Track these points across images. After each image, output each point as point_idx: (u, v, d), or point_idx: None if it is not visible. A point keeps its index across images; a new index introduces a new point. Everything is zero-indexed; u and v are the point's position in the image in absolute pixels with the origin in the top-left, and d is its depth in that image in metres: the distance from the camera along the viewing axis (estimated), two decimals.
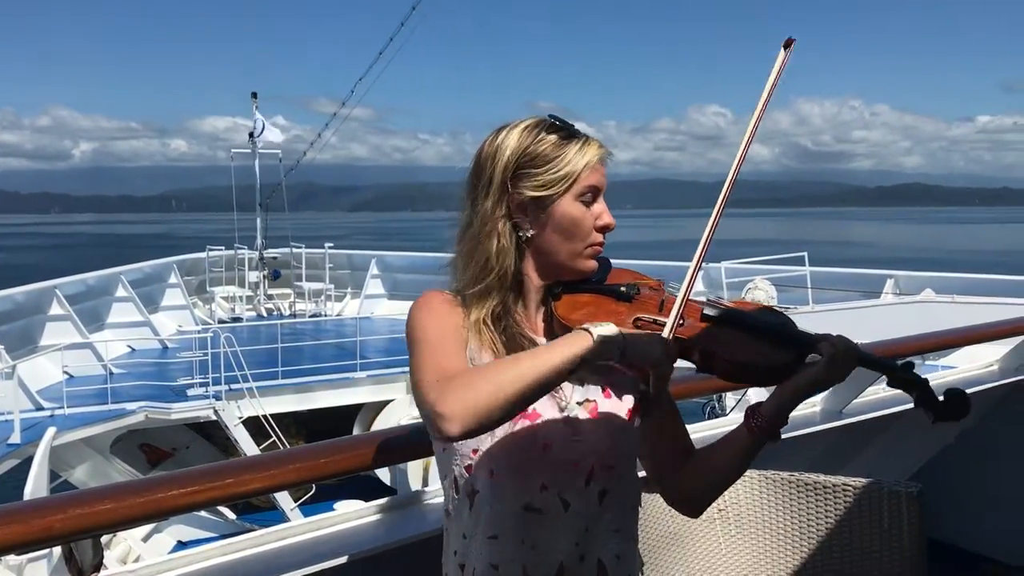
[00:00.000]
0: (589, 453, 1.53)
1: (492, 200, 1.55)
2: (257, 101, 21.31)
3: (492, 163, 1.56)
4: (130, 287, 15.88)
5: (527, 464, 1.51)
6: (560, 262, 1.58)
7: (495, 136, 1.59)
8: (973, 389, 4.03)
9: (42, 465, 9.11)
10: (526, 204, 1.55)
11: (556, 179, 1.54)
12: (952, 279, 13.75)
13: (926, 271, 14.84)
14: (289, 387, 12.67)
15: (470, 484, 1.53)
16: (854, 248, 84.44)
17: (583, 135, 1.59)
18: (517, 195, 1.55)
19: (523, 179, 1.55)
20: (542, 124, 1.58)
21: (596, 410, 1.56)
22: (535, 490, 1.51)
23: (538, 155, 1.55)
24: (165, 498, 1.70)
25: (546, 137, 1.56)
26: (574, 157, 1.55)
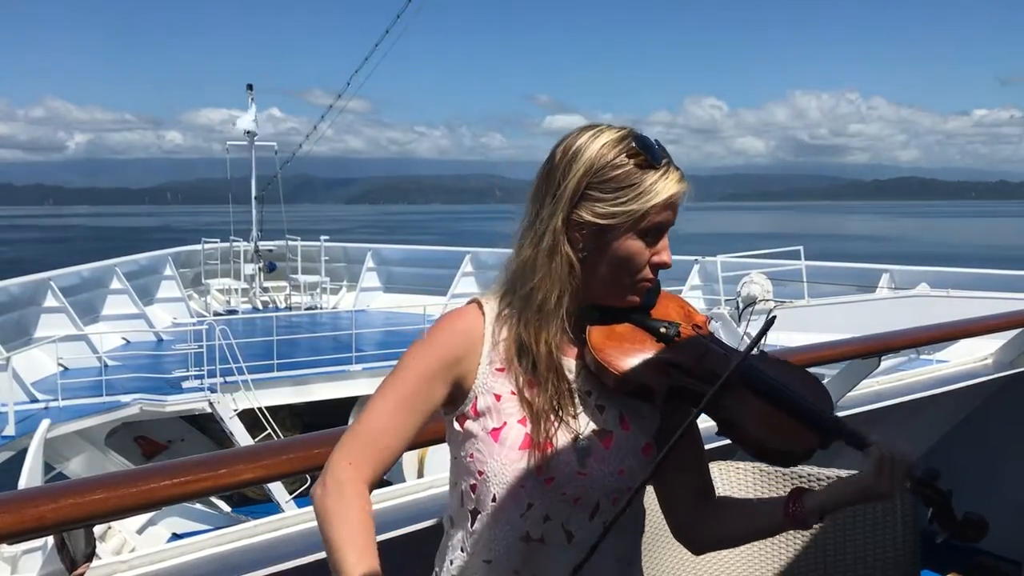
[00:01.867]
0: (594, 489, 1.49)
1: (557, 213, 1.46)
2: (253, 93, 21.25)
3: (565, 172, 1.46)
4: (125, 279, 15.84)
5: (529, 495, 1.47)
6: (604, 292, 1.51)
7: (576, 138, 1.49)
8: (967, 383, 4.04)
9: (36, 457, 9.09)
10: (585, 227, 1.46)
11: (623, 212, 1.44)
12: (947, 273, 13.77)
13: (922, 265, 14.86)
14: (284, 380, 12.66)
15: (473, 502, 1.51)
16: (850, 242, 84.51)
17: (666, 162, 1.46)
18: (579, 216, 1.46)
19: (590, 201, 1.45)
20: (626, 142, 1.46)
21: (611, 443, 1.51)
22: (537, 520, 1.48)
23: (611, 179, 1.45)
24: (158, 488, 1.70)
25: (625, 160, 1.45)
26: (648, 190, 1.44)
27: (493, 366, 1.50)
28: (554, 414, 1.47)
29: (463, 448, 1.51)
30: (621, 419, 1.52)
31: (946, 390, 3.92)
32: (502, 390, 1.49)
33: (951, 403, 4.11)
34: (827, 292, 13.74)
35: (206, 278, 19.81)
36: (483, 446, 1.48)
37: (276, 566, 2.05)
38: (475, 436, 1.48)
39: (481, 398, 1.49)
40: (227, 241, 20.38)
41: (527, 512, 1.48)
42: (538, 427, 1.46)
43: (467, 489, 1.51)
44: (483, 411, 1.48)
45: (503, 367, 1.50)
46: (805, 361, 3.37)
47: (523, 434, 1.46)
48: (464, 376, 1.49)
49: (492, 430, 1.47)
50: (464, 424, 1.50)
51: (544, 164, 1.52)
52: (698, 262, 16.40)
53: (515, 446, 1.46)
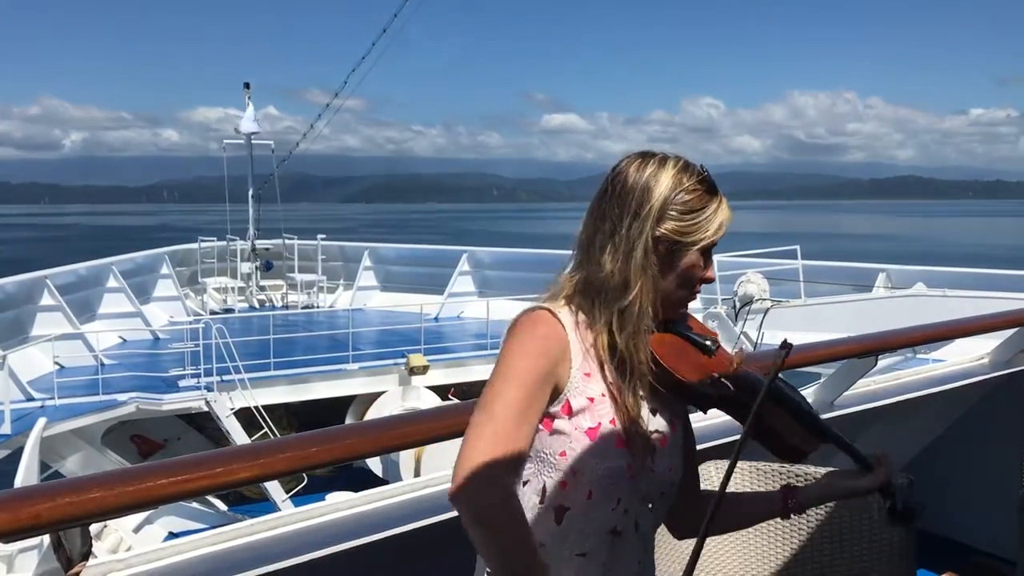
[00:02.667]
0: (656, 484, 1.67)
1: (645, 230, 1.62)
2: (250, 91, 21.21)
3: (644, 193, 1.63)
4: (121, 278, 15.80)
5: (619, 490, 1.61)
6: (666, 305, 1.68)
7: (644, 165, 1.66)
8: (964, 382, 4.05)
9: (32, 456, 9.08)
10: (663, 243, 1.63)
11: (696, 230, 1.64)
12: (944, 273, 13.78)
13: (918, 265, 14.86)
14: (281, 378, 12.64)
15: (560, 500, 1.60)
16: (847, 241, 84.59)
17: (719, 192, 1.69)
18: (663, 233, 1.63)
19: (670, 220, 1.63)
20: (691, 170, 1.66)
21: (666, 443, 1.69)
22: (621, 514, 1.63)
23: (687, 202, 1.64)
24: (154, 487, 1.70)
25: (696, 187, 1.65)
26: (714, 214, 1.66)
27: (581, 371, 1.61)
28: (640, 416, 1.62)
29: (549, 446, 1.60)
30: (671, 421, 1.71)
31: (942, 389, 3.93)
32: (594, 393, 1.61)
33: (947, 402, 4.12)
34: (824, 291, 13.75)
35: (203, 277, 19.77)
36: (577, 445, 1.59)
37: (272, 565, 2.05)
38: (567, 435, 1.59)
39: (574, 400, 1.60)
40: (224, 240, 20.35)
41: (616, 507, 1.61)
42: (628, 428, 1.60)
43: (553, 487, 1.60)
44: (577, 411, 1.60)
45: (589, 372, 1.62)
46: (802, 360, 3.38)
47: (615, 434, 1.60)
48: (560, 378, 1.60)
49: (587, 430, 1.59)
50: (553, 424, 1.60)
51: (611, 184, 1.67)
52: None
53: (611, 445, 1.59)
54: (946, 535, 4.43)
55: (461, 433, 1.57)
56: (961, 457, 4.38)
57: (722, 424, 2.85)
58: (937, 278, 13.17)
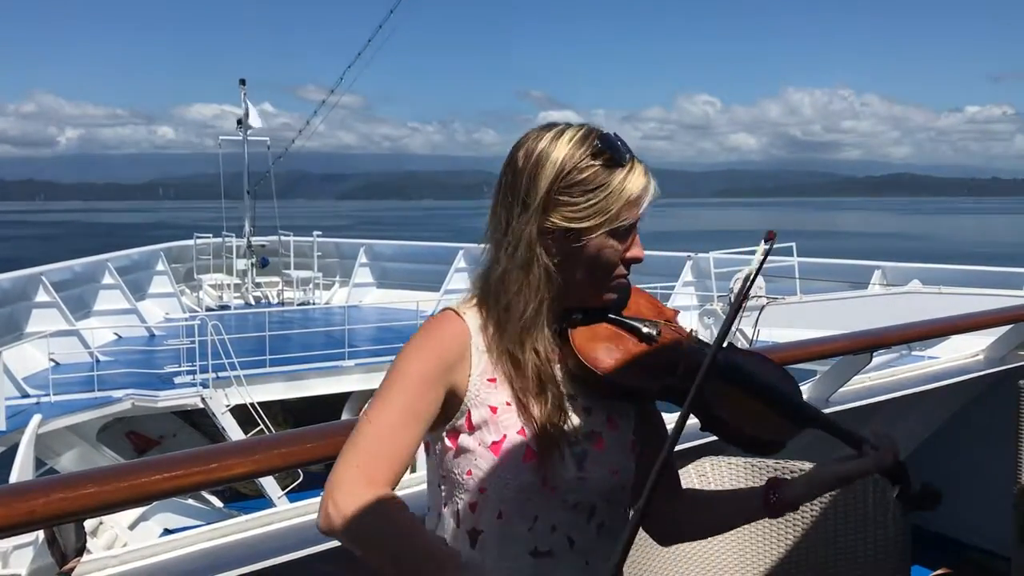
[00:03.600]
0: (593, 493, 1.48)
1: (530, 222, 1.44)
2: (245, 88, 21.19)
3: (532, 178, 1.44)
4: (117, 274, 15.79)
5: (535, 507, 1.44)
6: (582, 294, 1.49)
7: (536, 141, 1.46)
8: (958, 379, 4.06)
9: (28, 452, 9.08)
10: (558, 232, 1.44)
11: (594, 213, 1.43)
12: (939, 270, 13.82)
13: (913, 262, 14.90)
14: (277, 375, 12.64)
15: (472, 522, 1.46)
16: (842, 239, 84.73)
17: (630, 158, 1.45)
18: (551, 223, 1.43)
19: (560, 206, 1.43)
20: (589, 141, 1.44)
21: (603, 444, 1.50)
22: (544, 532, 1.45)
23: (579, 182, 1.43)
24: (148, 482, 1.69)
25: (591, 162, 1.43)
26: (617, 189, 1.43)
27: (484, 377, 1.45)
28: (552, 422, 1.43)
29: (456, 466, 1.46)
30: (608, 419, 1.51)
31: (937, 386, 3.93)
32: (497, 402, 1.45)
33: (942, 399, 4.13)
34: (819, 288, 13.77)
35: (198, 273, 19.76)
36: (483, 462, 1.43)
37: (268, 561, 2.05)
38: (472, 451, 1.44)
39: (475, 411, 1.44)
40: (219, 236, 20.33)
41: (534, 525, 1.45)
42: (539, 437, 1.42)
43: (463, 509, 1.46)
44: (479, 424, 1.44)
45: (494, 378, 1.46)
46: (797, 357, 3.38)
47: (525, 446, 1.42)
48: (457, 385, 1.44)
49: (492, 444, 1.43)
50: (457, 440, 1.45)
51: (506, 170, 1.49)
52: (691, 258, 16.43)
53: (518, 459, 1.42)
54: (941, 532, 4.44)
55: None
56: (956, 454, 4.39)
57: None
58: (932, 275, 13.21)
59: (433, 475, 1.53)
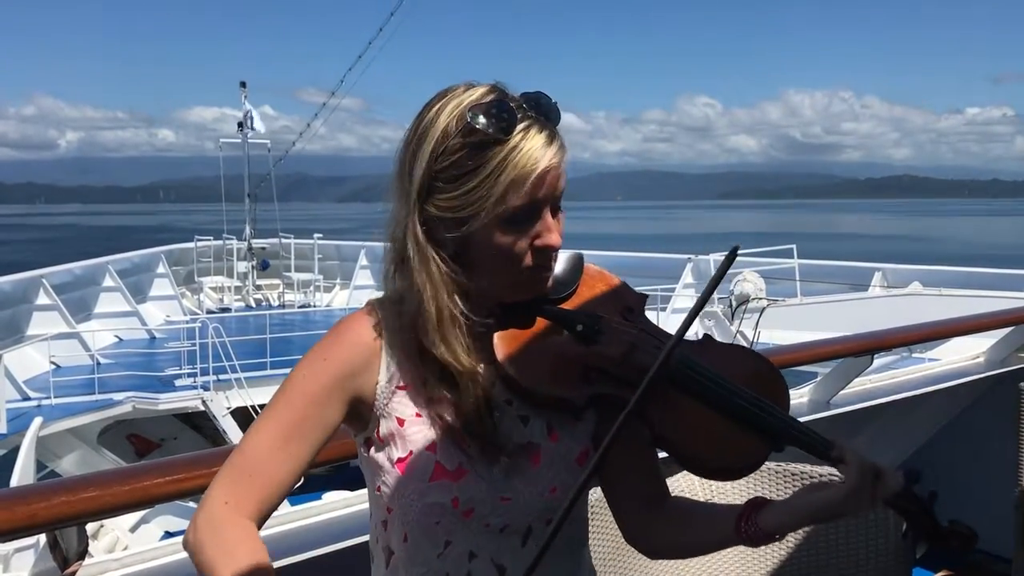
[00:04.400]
0: (524, 514, 1.28)
1: (412, 212, 1.22)
2: (246, 90, 21.22)
3: (413, 157, 1.21)
4: (117, 277, 15.80)
5: (444, 532, 1.27)
6: (497, 289, 1.26)
7: (429, 108, 1.22)
8: (959, 381, 4.06)
9: (28, 455, 9.07)
10: (440, 223, 1.21)
11: (467, 203, 1.18)
12: (939, 272, 13.79)
13: (914, 264, 14.89)
14: (278, 378, 12.58)
15: (385, 541, 1.33)
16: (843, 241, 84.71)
17: (524, 126, 1.18)
18: (426, 212, 1.21)
19: (434, 193, 1.20)
20: (465, 114, 1.18)
21: (539, 458, 1.28)
22: (460, 559, 1.28)
23: (451, 164, 1.18)
24: (150, 486, 1.70)
25: (462, 140, 1.17)
26: (496, 171, 1.16)
27: (394, 383, 1.27)
28: (469, 434, 1.24)
29: (373, 479, 1.31)
30: (548, 429, 1.29)
31: (938, 388, 3.93)
32: (405, 412, 1.26)
33: (943, 401, 4.13)
34: (820, 290, 13.76)
35: (199, 276, 19.77)
36: (389, 478, 1.26)
37: None
38: (381, 467, 1.28)
39: (383, 422, 1.27)
40: (220, 239, 20.35)
41: (445, 551, 1.28)
42: (450, 452, 1.24)
43: (378, 525, 1.34)
44: (386, 438, 1.27)
45: (405, 384, 1.27)
46: (798, 359, 3.38)
47: (432, 462, 1.24)
48: (363, 392, 1.27)
49: (397, 460, 1.26)
50: (370, 452, 1.29)
51: (400, 145, 1.26)
52: (691, 260, 16.42)
53: (424, 478, 1.24)
54: None
55: None
56: (957, 456, 4.38)
57: None
58: (933, 277, 13.19)
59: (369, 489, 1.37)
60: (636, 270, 15.11)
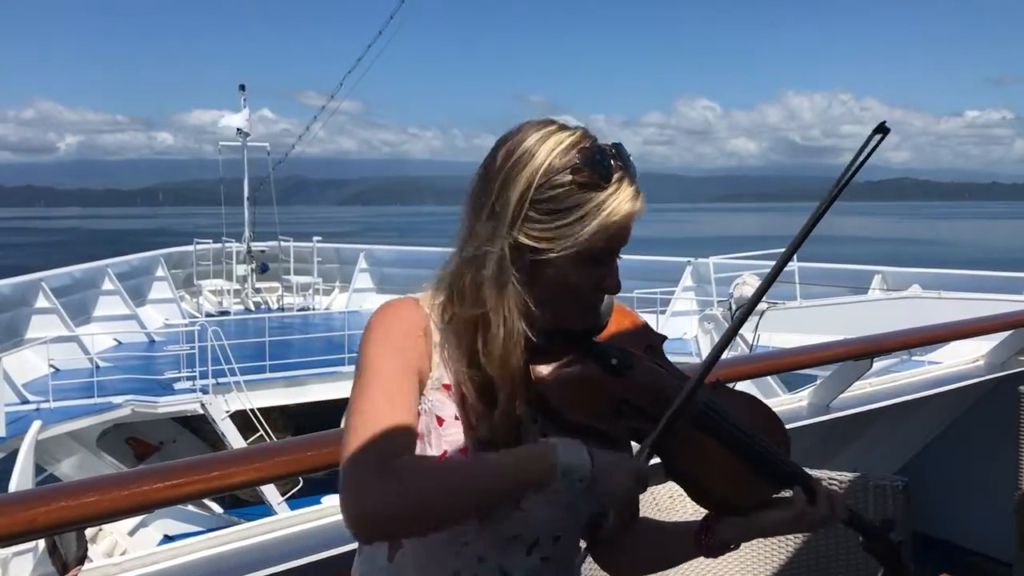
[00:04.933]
0: (534, 527, 1.34)
1: (500, 236, 1.26)
2: (245, 93, 21.23)
3: (505, 184, 1.26)
4: (117, 280, 15.79)
5: (464, 533, 1.31)
6: (545, 318, 1.31)
7: (521, 140, 1.28)
8: (959, 384, 4.05)
9: (27, 459, 9.06)
10: (523, 250, 1.26)
11: (559, 237, 1.25)
12: (939, 275, 13.80)
13: (914, 267, 14.89)
14: (277, 381, 12.64)
15: None
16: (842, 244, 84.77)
17: (618, 178, 1.26)
18: (514, 238, 1.26)
19: (526, 222, 1.26)
20: (572, 153, 1.25)
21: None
22: (471, 560, 1.32)
23: (551, 198, 1.25)
24: (150, 491, 1.69)
25: (568, 177, 1.24)
26: (593, 214, 1.24)
27: (440, 381, 1.31)
28: (496, 445, 1.27)
29: None
30: None
31: (938, 392, 3.93)
32: (445, 413, 1.30)
33: (943, 405, 4.12)
34: (820, 293, 13.76)
35: (198, 279, 19.78)
36: None
37: (268, 568, 2.04)
38: None
39: (424, 417, 1.30)
40: (219, 242, 20.35)
41: (461, 550, 1.32)
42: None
43: None
44: (423, 433, 1.30)
45: (448, 384, 1.31)
46: (798, 363, 3.38)
47: None
48: (422, 376, 1.30)
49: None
50: None
51: (483, 168, 1.31)
52: (691, 263, 16.42)
53: None
54: (942, 537, 4.43)
55: None
56: (957, 459, 4.38)
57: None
58: (933, 280, 13.19)
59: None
60: (636, 273, 15.10)
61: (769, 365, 3.54)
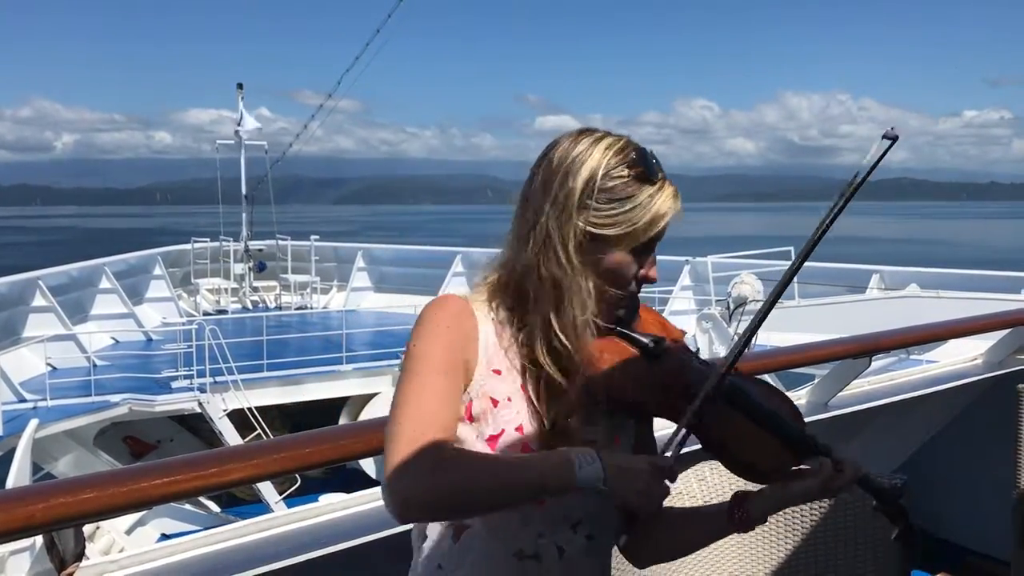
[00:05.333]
0: (580, 506, 1.45)
1: (564, 223, 1.41)
2: (243, 92, 21.20)
3: (566, 178, 1.42)
4: (114, 279, 15.77)
5: (525, 509, 1.42)
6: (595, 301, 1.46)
7: (575, 143, 1.45)
8: (957, 383, 4.06)
9: (25, 457, 9.05)
10: (581, 236, 1.42)
11: (620, 223, 1.42)
12: (937, 274, 13.82)
13: (912, 266, 14.89)
14: (274, 380, 12.63)
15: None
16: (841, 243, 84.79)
17: (662, 176, 1.45)
18: (576, 225, 1.41)
19: (587, 211, 1.42)
20: (626, 152, 1.44)
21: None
22: (532, 536, 1.43)
23: (610, 188, 1.42)
24: (148, 487, 1.69)
25: (626, 172, 1.42)
26: (646, 204, 1.42)
27: (490, 367, 1.43)
28: (555, 426, 1.41)
29: None
30: (612, 434, 1.49)
31: (936, 390, 3.93)
32: (499, 394, 1.41)
33: (941, 403, 4.13)
34: (818, 292, 13.76)
35: (196, 278, 19.75)
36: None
37: (265, 566, 2.04)
38: (466, 442, 1.40)
39: (476, 401, 1.41)
40: (217, 241, 20.33)
41: (522, 528, 1.43)
42: (534, 437, 1.40)
43: None
44: (478, 416, 1.41)
45: (499, 369, 1.43)
46: (796, 361, 3.38)
47: (521, 443, 1.40)
48: (468, 368, 1.42)
49: (489, 437, 1.40)
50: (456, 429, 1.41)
51: (540, 165, 1.46)
52: (689, 262, 16.42)
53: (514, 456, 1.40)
54: (940, 536, 4.43)
55: None
56: (955, 458, 4.38)
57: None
58: (930, 279, 13.20)
59: None
60: None
61: (767, 363, 3.54)
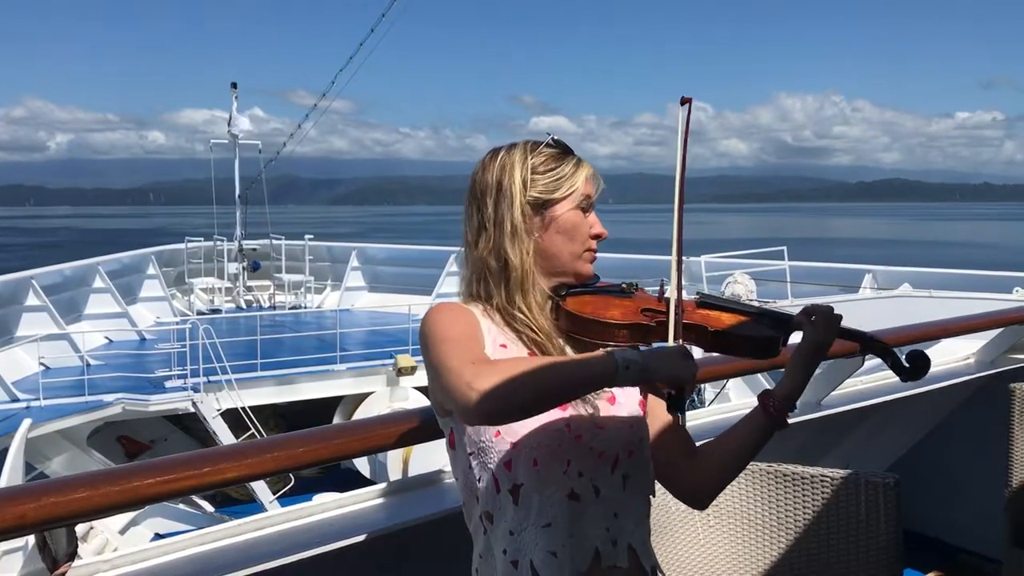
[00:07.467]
0: (613, 442, 1.62)
1: (514, 203, 1.67)
2: (236, 91, 21.16)
3: (503, 172, 1.69)
4: (107, 278, 15.73)
5: (565, 452, 1.56)
6: (562, 264, 1.71)
7: (494, 156, 1.72)
8: (949, 382, 4.07)
9: (17, 457, 9.03)
10: (533, 206, 1.68)
11: (562, 184, 1.69)
12: (930, 274, 13.84)
13: (904, 266, 14.92)
14: (268, 379, 12.60)
15: (511, 479, 1.56)
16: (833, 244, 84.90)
17: (575, 153, 1.74)
18: (531, 196, 1.68)
19: (536, 181, 1.69)
20: (544, 140, 1.73)
21: (614, 400, 1.67)
22: (575, 477, 1.57)
23: (544, 162, 1.70)
24: (141, 486, 1.68)
25: (545, 151, 1.71)
26: (574, 168, 1.71)
27: (497, 342, 1.63)
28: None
29: (484, 432, 1.57)
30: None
31: (928, 389, 3.94)
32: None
33: (933, 402, 4.14)
34: (810, 292, 13.79)
35: (189, 277, 19.71)
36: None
37: (259, 566, 2.04)
38: None
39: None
40: (211, 240, 20.29)
41: (568, 469, 1.56)
42: None
43: (499, 470, 1.56)
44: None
45: (504, 343, 1.64)
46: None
47: None
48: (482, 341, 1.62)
49: None
50: None
51: (472, 182, 1.73)
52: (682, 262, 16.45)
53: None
54: (932, 535, 4.45)
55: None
56: (947, 457, 4.40)
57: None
58: (923, 279, 13.23)
59: (462, 460, 1.63)
60: (627, 272, 15.02)
61: (760, 363, 3.55)
